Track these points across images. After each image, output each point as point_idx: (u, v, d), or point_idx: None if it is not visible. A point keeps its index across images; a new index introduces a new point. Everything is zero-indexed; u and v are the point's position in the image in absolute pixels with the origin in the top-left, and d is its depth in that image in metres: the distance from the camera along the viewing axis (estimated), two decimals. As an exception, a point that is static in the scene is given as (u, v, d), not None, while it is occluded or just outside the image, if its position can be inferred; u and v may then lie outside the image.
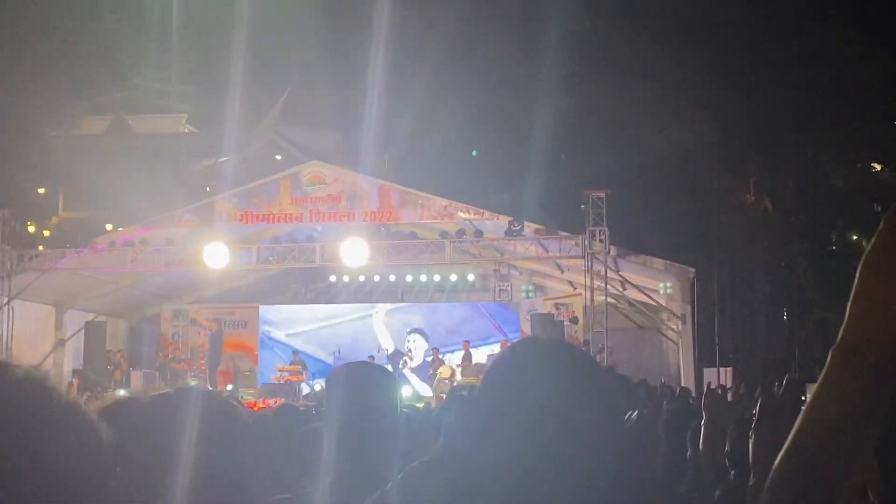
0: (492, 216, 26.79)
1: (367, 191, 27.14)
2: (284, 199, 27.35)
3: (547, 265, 29.12)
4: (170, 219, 27.80)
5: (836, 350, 1.29)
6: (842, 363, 1.28)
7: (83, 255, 27.47)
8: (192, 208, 28.42)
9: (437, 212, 26.82)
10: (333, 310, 30.55)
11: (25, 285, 26.58)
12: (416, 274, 30.27)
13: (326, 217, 27.09)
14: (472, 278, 30.74)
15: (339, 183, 27.36)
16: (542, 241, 26.32)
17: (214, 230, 26.55)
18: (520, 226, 26.14)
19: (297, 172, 28.12)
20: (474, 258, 27.87)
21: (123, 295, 31.06)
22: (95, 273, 28.32)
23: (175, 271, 28.24)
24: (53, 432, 1.14)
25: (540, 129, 34.54)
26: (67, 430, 1.16)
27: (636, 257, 26.83)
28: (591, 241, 25.12)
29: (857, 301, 1.27)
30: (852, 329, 1.27)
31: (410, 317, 29.69)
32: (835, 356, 1.29)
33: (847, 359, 1.27)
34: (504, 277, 30.64)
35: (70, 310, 30.02)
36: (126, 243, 27.52)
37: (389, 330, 29.47)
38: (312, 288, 32.18)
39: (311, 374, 28.14)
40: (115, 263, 27.50)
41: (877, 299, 1.25)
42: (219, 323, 29.70)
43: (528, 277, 31.36)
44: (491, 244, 26.67)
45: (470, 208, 26.94)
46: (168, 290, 31.55)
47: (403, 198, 27.16)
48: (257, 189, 27.97)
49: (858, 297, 1.27)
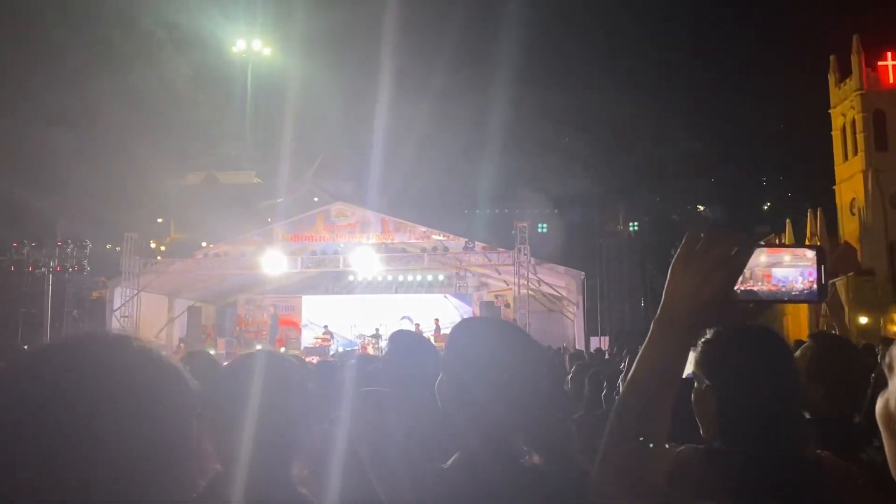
0: (454, 238, 26.92)
1: (374, 221, 27.23)
2: (319, 226, 27.41)
3: (490, 270, 29.03)
4: (243, 239, 27.73)
5: (656, 321, 1.28)
6: (659, 329, 1.27)
7: (186, 262, 27.39)
8: (258, 232, 28.34)
9: (419, 235, 26.93)
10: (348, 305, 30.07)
11: (148, 282, 26.45)
12: (406, 275, 30.17)
13: (347, 238, 27.03)
14: (442, 278, 30.57)
15: (355, 216, 27.48)
16: (487, 254, 26.37)
17: (273, 247, 26.42)
18: (473, 244, 26.28)
19: (328, 209, 28.15)
20: (443, 265, 27.87)
21: (213, 288, 30.76)
22: (194, 274, 27.95)
23: (246, 273, 27.97)
24: (161, 385, 1.10)
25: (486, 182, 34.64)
26: (170, 383, 1.12)
27: (547, 265, 26.91)
28: (518, 254, 25.08)
29: (668, 291, 1.27)
30: (667, 306, 1.27)
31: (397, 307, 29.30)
32: (656, 325, 1.28)
33: (663, 326, 1.26)
34: (462, 277, 30.51)
35: (177, 298, 29.88)
36: (215, 255, 27.56)
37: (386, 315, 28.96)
38: (337, 284, 32.07)
39: (337, 342, 27.94)
40: (207, 268, 27.37)
41: (681, 286, 1.25)
42: (276, 308, 29.47)
43: (478, 278, 31.27)
44: (454, 256, 26.60)
45: (440, 232, 27.12)
46: (242, 286, 31.23)
47: (397, 225, 27.26)
48: (301, 220, 28.04)
49: (670, 285, 1.27)
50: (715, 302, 1.23)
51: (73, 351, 1.09)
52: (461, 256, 26.60)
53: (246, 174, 52.13)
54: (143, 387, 1.07)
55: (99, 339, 1.12)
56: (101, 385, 1.03)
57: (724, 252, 1.24)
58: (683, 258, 1.26)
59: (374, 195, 30.81)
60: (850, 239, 42.20)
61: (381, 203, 31.46)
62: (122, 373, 1.06)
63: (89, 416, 1.00)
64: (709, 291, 1.23)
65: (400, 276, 30.23)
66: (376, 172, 32.17)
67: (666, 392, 1.26)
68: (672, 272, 1.27)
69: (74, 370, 1.04)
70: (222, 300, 32.26)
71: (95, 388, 1.03)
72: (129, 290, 26.19)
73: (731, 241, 1.24)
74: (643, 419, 1.25)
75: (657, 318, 1.27)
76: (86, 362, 1.06)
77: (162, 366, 1.12)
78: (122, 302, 26.19)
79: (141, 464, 1.02)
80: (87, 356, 1.07)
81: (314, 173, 48.29)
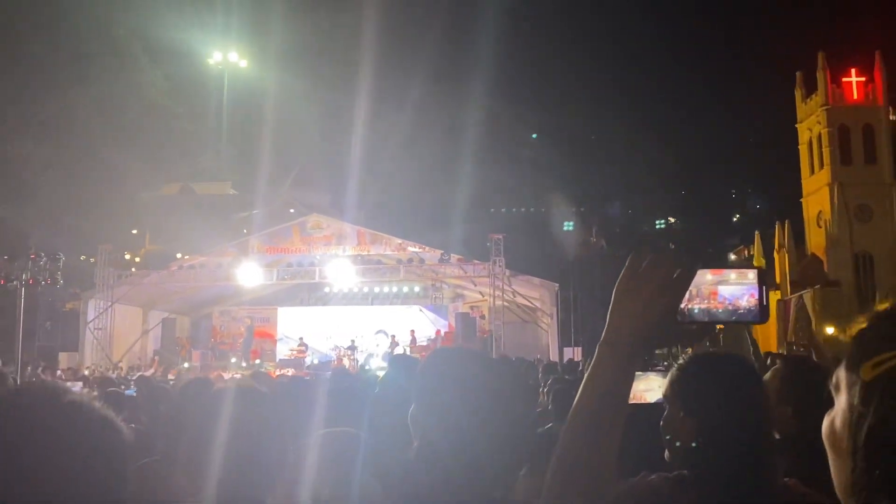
0: (430, 249, 26.89)
1: (350, 233, 27.15)
2: (295, 238, 27.27)
3: (465, 281, 29.04)
4: (219, 251, 27.49)
5: (601, 344, 1.27)
6: (604, 353, 1.26)
7: (161, 274, 27.12)
8: (234, 244, 28.14)
9: (395, 246, 26.86)
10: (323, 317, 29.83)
11: (123, 294, 26.22)
12: (381, 286, 30.05)
13: (323, 250, 26.90)
14: (418, 289, 30.48)
15: (331, 228, 27.38)
16: (462, 266, 26.38)
17: (249, 258, 26.23)
18: (448, 256, 26.27)
19: (304, 221, 28.03)
20: (419, 277, 27.86)
21: (188, 300, 30.45)
22: (169, 286, 27.66)
23: (222, 285, 27.72)
24: (90, 438, 1.07)
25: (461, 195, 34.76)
26: (100, 436, 1.09)
27: (522, 277, 26.96)
28: (493, 266, 25.14)
29: (612, 313, 1.27)
30: (610, 329, 1.26)
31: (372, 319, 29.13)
32: (600, 349, 1.27)
33: (607, 350, 1.26)
34: (438, 288, 30.47)
35: (152, 310, 29.54)
36: (190, 267, 27.29)
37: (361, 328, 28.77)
38: (313, 296, 31.84)
39: (312, 354, 27.75)
40: (182, 280, 27.09)
41: (624, 308, 1.25)
42: (252, 320, 29.22)
43: (453, 289, 31.26)
44: (430, 268, 26.60)
45: (416, 244, 27.07)
46: (217, 298, 30.94)
47: (373, 237, 27.18)
48: (277, 232, 27.90)
49: (613, 309, 1.27)
50: (658, 324, 1.24)
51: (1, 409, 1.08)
52: (437, 268, 26.58)
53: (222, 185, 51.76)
54: (70, 442, 1.05)
55: (30, 395, 1.11)
56: (27, 443, 1.02)
57: (667, 274, 1.24)
58: (627, 281, 1.27)
59: (351, 207, 30.75)
60: (816, 251, 42.84)
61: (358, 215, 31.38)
62: (49, 429, 1.05)
63: (14, 474, 0.99)
64: (652, 314, 1.24)
65: (376, 287, 30.12)
66: (352, 184, 32.14)
67: (611, 415, 1.25)
68: (616, 295, 1.27)
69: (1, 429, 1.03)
70: (197, 312, 31.93)
71: (21, 447, 1.02)
72: (103, 301, 25.88)
73: (673, 264, 1.25)
74: (589, 443, 1.24)
75: (601, 342, 1.27)
76: (12, 421, 1.04)
77: (92, 419, 1.10)
78: (95, 314, 25.87)
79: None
80: (14, 414, 1.06)
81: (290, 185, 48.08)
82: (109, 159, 35.56)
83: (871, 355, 0.92)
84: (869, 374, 0.91)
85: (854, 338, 0.97)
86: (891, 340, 0.92)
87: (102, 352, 25.22)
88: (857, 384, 0.92)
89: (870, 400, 0.89)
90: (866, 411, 0.89)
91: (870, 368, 0.91)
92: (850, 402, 0.93)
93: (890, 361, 0.89)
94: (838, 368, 0.98)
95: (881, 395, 0.89)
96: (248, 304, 30.87)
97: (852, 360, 0.95)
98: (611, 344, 1.26)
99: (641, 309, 1.24)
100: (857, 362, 0.93)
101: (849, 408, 0.93)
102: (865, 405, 0.90)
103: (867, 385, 0.91)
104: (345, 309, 29.92)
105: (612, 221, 46.44)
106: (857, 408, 0.91)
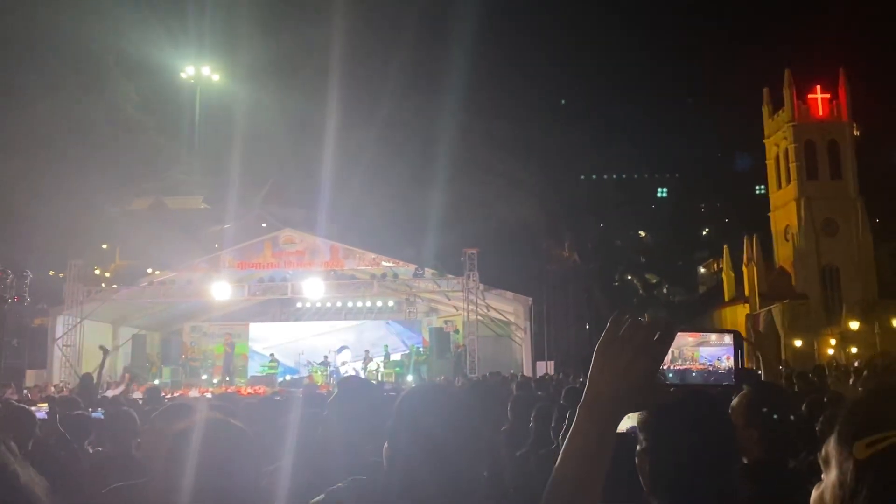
0: (404, 264, 26.88)
1: (322, 248, 27.00)
2: (267, 253, 27.07)
3: (439, 296, 29.06)
4: (190, 266, 27.27)
5: (581, 406, 1.27)
6: (583, 415, 1.26)
7: (132, 289, 26.77)
8: (205, 259, 27.93)
9: (368, 261, 26.78)
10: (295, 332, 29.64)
11: (92, 310, 25.90)
12: (355, 301, 29.93)
13: (295, 265, 26.74)
14: (391, 304, 30.42)
15: (304, 243, 27.24)
16: (436, 280, 26.38)
17: (220, 273, 26.04)
18: (422, 271, 26.24)
19: (276, 236, 27.88)
20: (393, 291, 27.84)
21: (158, 316, 30.15)
22: (139, 301, 27.34)
23: (193, 300, 27.45)
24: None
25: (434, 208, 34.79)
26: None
27: (496, 291, 27.00)
28: (467, 280, 25.18)
29: (592, 375, 1.27)
30: (591, 391, 1.26)
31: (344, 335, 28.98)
32: (580, 412, 1.27)
33: (587, 412, 1.26)
34: (412, 303, 30.46)
35: (122, 326, 29.29)
36: (160, 282, 27.02)
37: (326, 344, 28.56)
38: (285, 311, 31.69)
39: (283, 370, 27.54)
40: (153, 295, 26.80)
41: (605, 371, 1.25)
42: (231, 336, 29.06)
43: (427, 304, 31.24)
44: (403, 282, 26.58)
45: (390, 259, 27.01)
46: (188, 313, 30.64)
47: (346, 252, 27.06)
48: (249, 246, 27.66)
49: (593, 372, 1.27)
50: (638, 387, 1.25)
51: None
52: (411, 283, 26.56)
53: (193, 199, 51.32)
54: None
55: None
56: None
57: (647, 337, 1.25)
58: (607, 343, 1.27)
59: (324, 222, 30.62)
60: (784, 264, 43.46)
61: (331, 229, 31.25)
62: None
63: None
64: (632, 376, 1.24)
65: (349, 302, 30.02)
66: (325, 198, 32.07)
67: (593, 476, 1.25)
68: (596, 357, 1.28)
69: None
70: (167, 328, 31.59)
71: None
72: (72, 318, 25.54)
73: (653, 328, 1.26)
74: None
75: (582, 403, 1.28)
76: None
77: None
78: (64, 330, 25.51)
79: None
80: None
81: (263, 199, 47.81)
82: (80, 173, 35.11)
83: (864, 433, 0.90)
84: (863, 453, 0.90)
85: (846, 412, 0.96)
86: (885, 419, 0.90)
87: (71, 369, 24.80)
88: (849, 461, 0.91)
89: (863, 479, 0.89)
90: (859, 491, 0.88)
91: (864, 447, 0.90)
92: (841, 479, 0.92)
93: (885, 441, 0.88)
94: (827, 442, 0.96)
95: (875, 475, 0.88)
96: (220, 320, 30.60)
97: (844, 435, 0.93)
98: (590, 407, 1.26)
99: (622, 371, 1.25)
100: (850, 439, 0.92)
101: (839, 485, 0.92)
102: (859, 484, 0.89)
103: (860, 464, 0.89)
104: (317, 324, 29.77)
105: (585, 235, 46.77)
106: (849, 486, 0.90)
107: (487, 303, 26.68)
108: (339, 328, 29.32)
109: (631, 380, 1.24)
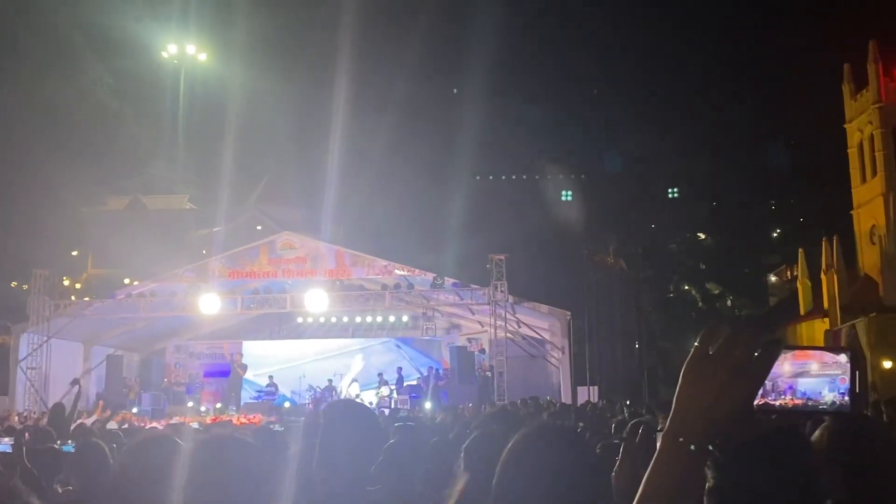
0: (420, 273, 26.88)
1: (326, 254, 27.11)
2: (263, 260, 27.21)
3: (461, 309, 29.07)
4: (174, 275, 27.41)
5: (665, 435, 1.26)
6: (668, 445, 1.26)
7: (106, 303, 26.96)
8: (191, 267, 28.09)
9: (379, 269, 26.84)
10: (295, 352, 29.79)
11: (61, 327, 26.07)
12: (364, 316, 30.01)
13: (295, 274, 26.85)
14: (406, 319, 30.47)
15: (305, 248, 27.34)
16: (458, 291, 26.39)
17: (209, 284, 26.23)
18: (442, 280, 26.28)
19: (273, 240, 28.00)
20: (407, 304, 27.90)
21: (137, 334, 30.41)
22: (115, 317, 27.58)
23: (177, 316, 27.66)
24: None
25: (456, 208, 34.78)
26: None
27: (528, 304, 26.95)
28: (494, 291, 25.15)
29: (679, 399, 1.26)
30: (676, 419, 1.26)
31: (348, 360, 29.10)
32: (664, 440, 1.26)
33: (672, 442, 1.25)
34: (430, 318, 30.44)
35: (95, 346, 29.48)
36: (140, 294, 27.23)
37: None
38: (284, 327, 31.84)
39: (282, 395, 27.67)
40: (131, 310, 27.01)
41: (693, 398, 1.25)
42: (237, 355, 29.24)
43: (448, 319, 31.26)
44: (420, 294, 26.62)
45: (404, 267, 27.05)
46: (171, 330, 30.88)
47: (354, 259, 27.13)
48: (242, 253, 27.80)
49: (680, 395, 1.26)
50: (734, 414, 1.23)
51: None
52: (428, 294, 26.58)
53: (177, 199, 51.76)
54: None
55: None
56: None
57: (746, 355, 1.23)
58: (697, 361, 1.26)
59: (328, 224, 30.78)
60: (870, 271, 42.95)
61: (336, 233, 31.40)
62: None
63: None
64: (726, 405, 1.23)
65: (357, 316, 30.07)
66: (330, 197, 32.14)
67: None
68: (684, 377, 1.26)
69: None
70: (148, 348, 31.83)
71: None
72: (38, 336, 25.78)
73: (753, 343, 1.24)
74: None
75: (666, 431, 1.27)
76: None
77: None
78: (28, 350, 25.75)
79: None
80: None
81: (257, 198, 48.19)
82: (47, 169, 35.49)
83: None
84: None
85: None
86: None
87: (36, 395, 25.04)
88: None
89: None
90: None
91: None
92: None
93: None
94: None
95: None
96: (208, 338, 30.81)
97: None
98: (677, 435, 1.25)
99: (715, 396, 1.23)
100: None
101: None
102: None
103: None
104: (321, 343, 29.87)
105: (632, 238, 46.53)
106: None
107: (518, 317, 26.62)
108: (346, 348, 29.42)
109: (724, 408, 1.22)
